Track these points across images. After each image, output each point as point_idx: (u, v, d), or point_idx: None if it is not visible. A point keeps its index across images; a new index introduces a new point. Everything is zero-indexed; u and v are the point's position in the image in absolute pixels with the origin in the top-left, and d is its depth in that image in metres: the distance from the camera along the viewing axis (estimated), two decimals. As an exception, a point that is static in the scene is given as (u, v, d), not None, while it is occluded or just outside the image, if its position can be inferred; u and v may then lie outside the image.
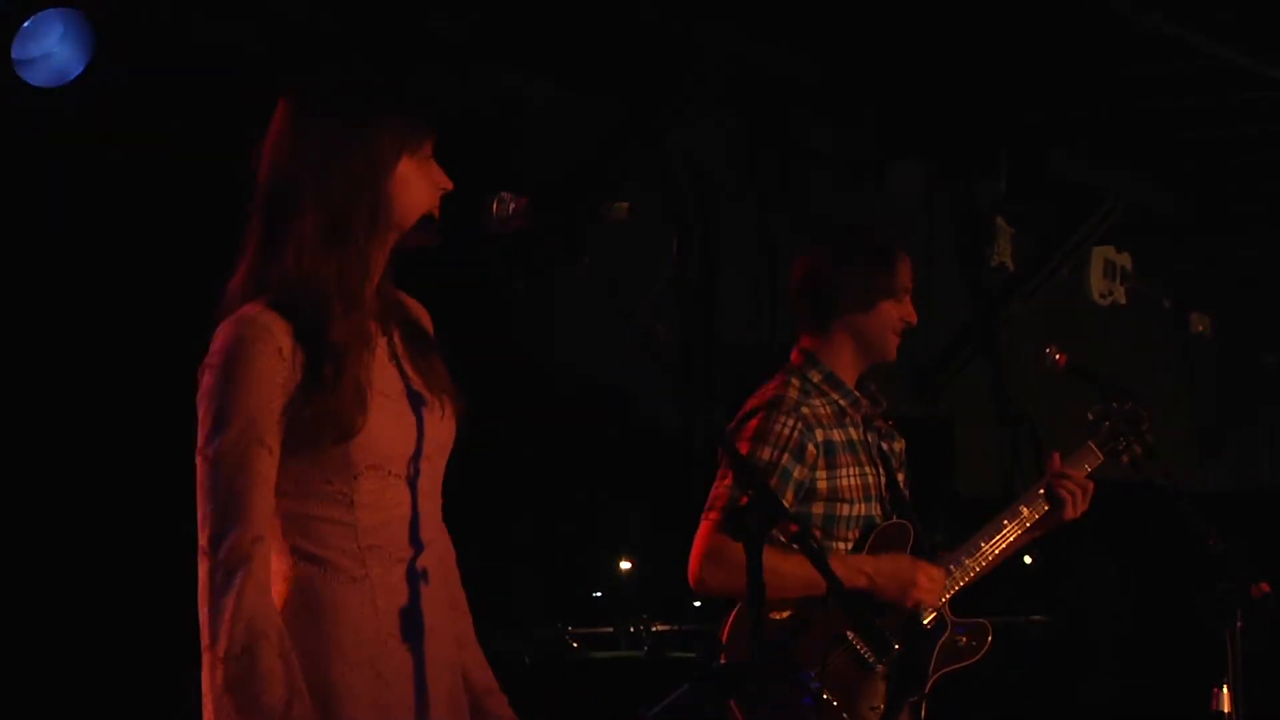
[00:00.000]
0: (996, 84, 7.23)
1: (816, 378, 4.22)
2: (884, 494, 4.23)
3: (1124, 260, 9.16)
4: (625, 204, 2.71)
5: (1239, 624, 4.14)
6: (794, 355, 4.29)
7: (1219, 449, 10.00)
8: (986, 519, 4.33)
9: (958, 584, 4.21)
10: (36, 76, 4.82)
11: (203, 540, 2.71)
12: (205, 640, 2.69)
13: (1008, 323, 8.58)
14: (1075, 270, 8.90)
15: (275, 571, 2.78)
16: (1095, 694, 6.99)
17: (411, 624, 2.85)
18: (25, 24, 4.71)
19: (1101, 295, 9.08)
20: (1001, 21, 6.58)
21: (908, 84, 7.16)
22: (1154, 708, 6.55)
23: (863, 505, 4.17)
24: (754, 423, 4.14)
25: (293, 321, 2.77)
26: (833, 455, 4.14)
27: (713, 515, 4.04)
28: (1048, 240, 8.69)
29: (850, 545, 4.15)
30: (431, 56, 5.86)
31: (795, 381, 4.20)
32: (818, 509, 4.13)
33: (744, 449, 4.07)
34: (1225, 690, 4.18)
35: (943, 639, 4.17)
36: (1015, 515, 4.29)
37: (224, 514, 2.70)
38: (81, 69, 4.83)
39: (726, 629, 4.03)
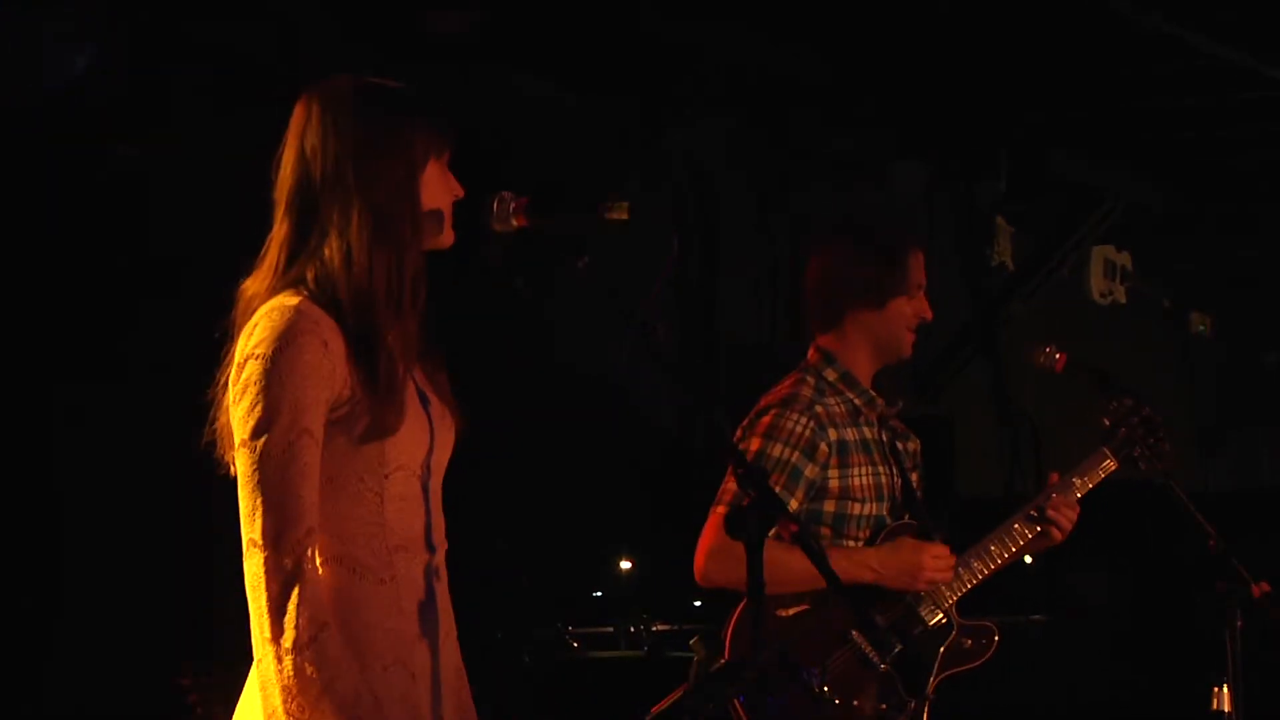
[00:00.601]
0: (997, 84, 7.23)
1: (832, 376, 4.23)
2: (895, 494, 4.23)
3: (1124, 260, 9.17)
4: (626, 204, 2.70)
5: (1239, 624, 4.14)
6: (810, 354, 4.29)
7: (1219, 449, 10.00)
8: (986, 518, 4.33)
9: (966, 586, 4.20)
10: (36, 77, 4.82)
11: (253, 533, 2.71)
12: (267, 633, 2.68)
13: (1008, 322, 8.59)
14: (1075, 270, 8.90)
15: None
16: (1095, 694, 6.99)
17: (430, 623, 2.88)
18: (23, 24, 4.71)
19: (1101, 295, 9.08)
20: (1001, 22, 6.58)
21: (908, 84, 7.16)
22: (1154, 708, 6.55)
23: (874, 505, 4.17)
24: (767, 419, 4.14)
25: (336, 317, 2.79)
26: (845, 454, 4.15)
27: (719, 510, 4.05)
28: (1048, 240, 8.70)
29: (860, 544, 4.15)
30: (432, 57, 5.86)
31: (810, 380, 4.21)
32: (829, 507, 4.13)
33: (756, 445, 4.08)
34: (1225, 690, 4.18)
35: (948, 641, 4.16)
36: (1026, 519, 4.27)
37: (279, 508, 2.70)
38: (80, 69, 4.82)
39: (730, 626, 4.03)
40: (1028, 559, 4.60)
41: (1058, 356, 4.41)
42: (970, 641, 4.18)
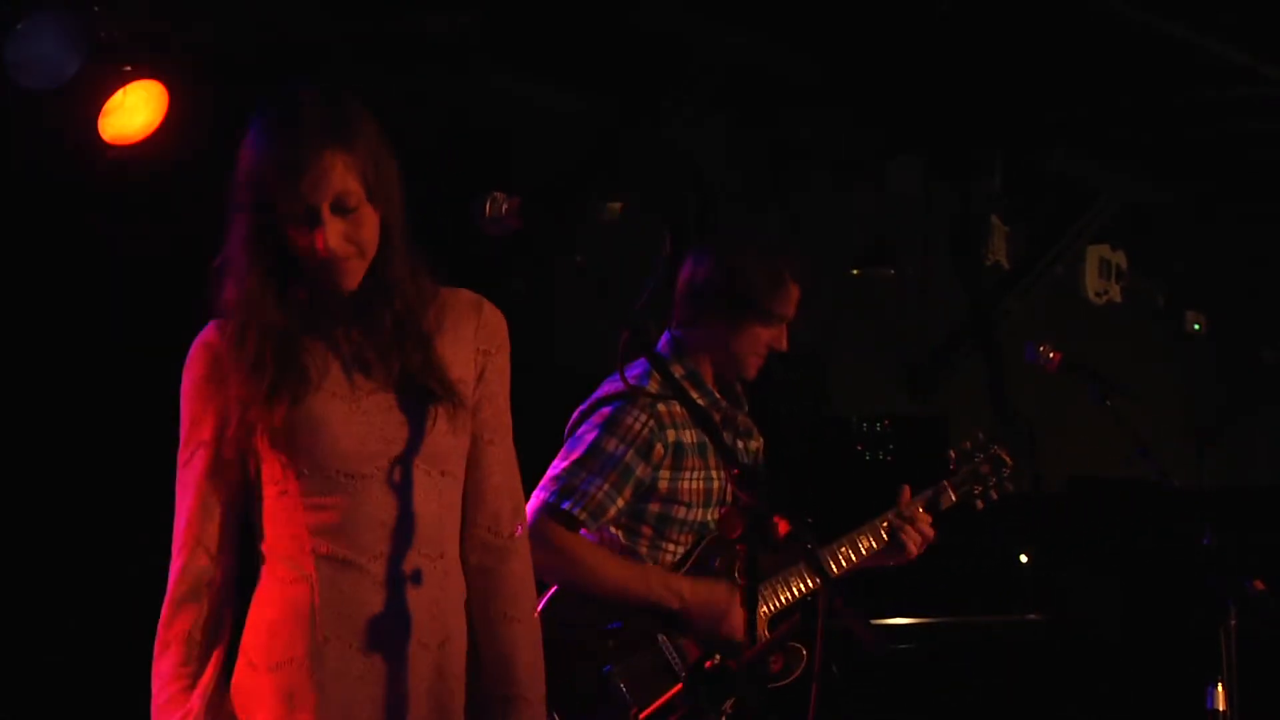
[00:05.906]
0: (992, 82, 7.23)
1: (679, 373, 4.12)
2: (728, 499, 4.08)
3: (1118, 259, 9.17)
4: (618, 204, 2.70)
5: (1234, 622, 4.14)
6: (663, 341, 4.20)
7: (1215, 446, 10.01)
8: (975, 516, 4.33)
9: (782, 600, 4.12)
10: (29, 79, 4.80)
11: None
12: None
13: (1003, 320, 8.59)
14: (1070, 267, 8.91)
15: (232, 566, 2.89)
16: (1090, 692, 6.99)
17: (375, 627, 2.82)
18: (18, 26, 4.69)
19: (1096, 294, 9.09)
20: (997, 20, 6.59)
21: (903, 83, 7.16)
22: (1149, 706, 6.56)
23: (701, 510, 4.09)
24: (607, 410, 4.04)
25: (238, 326, 2.83)
26: (680, 457, 4.05)
27: (548, 500, 3.96)
28: (1042, 238, 8.70)
29: (682, 549, 4.07)
30: (429, 57, 5.86)
31: (658, 376, 4.11)
32: (654, 507, 4.04)
33: (591, 436, 3.99)
34: (1220, 688, 4.18)
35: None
36: (872, 533, 4.24)
37: (177, 520, 2.88)
38: (75, 71, 4.81)
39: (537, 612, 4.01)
40: (1023, 558, 4.55)
41: (1051, 355, 4.40)
42: (777, 662, 4.07)
